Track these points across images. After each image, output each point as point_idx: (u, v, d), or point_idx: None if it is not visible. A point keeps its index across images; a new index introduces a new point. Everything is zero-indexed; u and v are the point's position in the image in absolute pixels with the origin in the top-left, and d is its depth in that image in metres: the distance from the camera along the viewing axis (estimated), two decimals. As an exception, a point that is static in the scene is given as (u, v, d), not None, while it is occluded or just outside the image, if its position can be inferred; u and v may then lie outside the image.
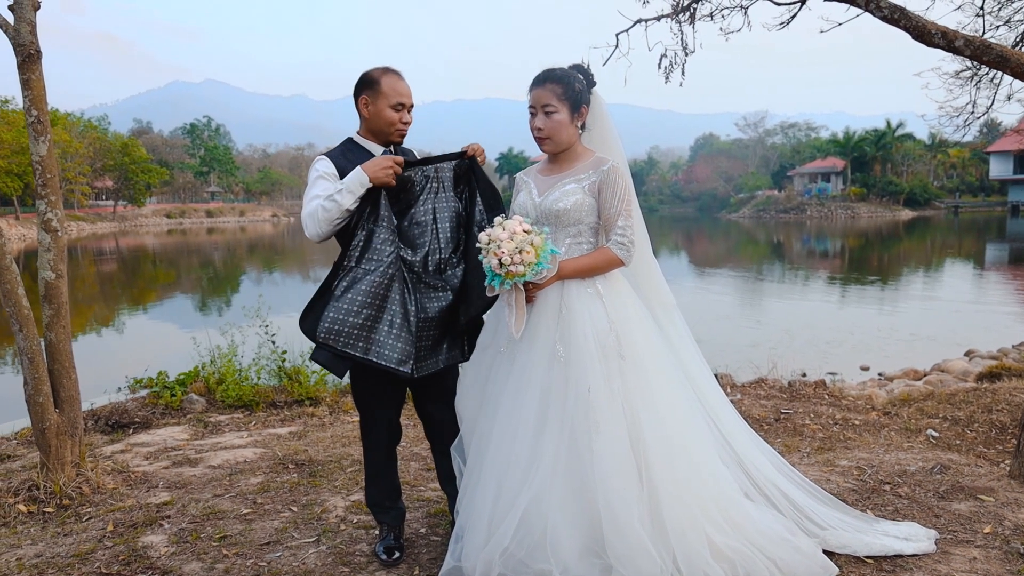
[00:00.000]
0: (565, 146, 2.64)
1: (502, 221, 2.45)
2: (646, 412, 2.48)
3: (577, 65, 2.68)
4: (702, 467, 2.56)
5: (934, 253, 31.16)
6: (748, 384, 6.10)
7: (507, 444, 2.51)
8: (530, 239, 2.39)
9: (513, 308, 2.49)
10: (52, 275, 3.71)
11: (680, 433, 2.54)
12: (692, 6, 4.83)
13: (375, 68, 2.78)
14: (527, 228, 2.42)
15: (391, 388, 2.82)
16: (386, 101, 2.72)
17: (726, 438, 2.75)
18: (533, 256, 2.38)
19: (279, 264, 32.54)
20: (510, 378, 2.57)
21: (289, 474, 3.99)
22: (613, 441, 2.43)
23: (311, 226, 2.62)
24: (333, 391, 6.09)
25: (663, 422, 2.50)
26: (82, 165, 62.63)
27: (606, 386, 2.46)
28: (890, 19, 3.62)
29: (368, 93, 2.74)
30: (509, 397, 2.55)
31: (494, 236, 2.40)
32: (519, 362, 2.55)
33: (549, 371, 2.51)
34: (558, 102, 2.57)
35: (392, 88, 2.72)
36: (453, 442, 2.80)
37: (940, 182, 69.99)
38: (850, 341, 12.30)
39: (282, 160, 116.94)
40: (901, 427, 4.92)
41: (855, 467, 3.79)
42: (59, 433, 3.71)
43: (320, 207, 2.59)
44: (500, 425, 2.54)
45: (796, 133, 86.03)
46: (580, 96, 2.59)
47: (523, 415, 2.50)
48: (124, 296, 22.04)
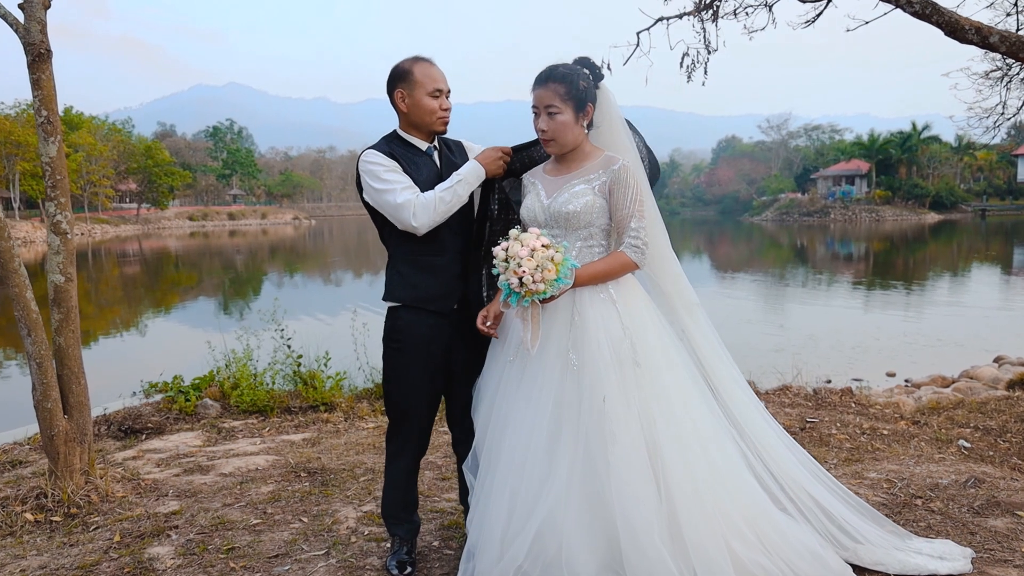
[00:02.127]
0: (571, 147, 2.52)
1: (518, 235, 2.32)
2: (664, 422, 2.37)
3: (583, 58, 2.54)
4: (726, 478, 2.43)
5: (960, 257, 30.66)
6: (772, 391, 5.94)
7: (519, 457, 2.40)
8: (550, 255, 2.26)
9: (529, 323, 2.38)
10: (61, 278, 3.67)
11: (701, 443, 2.42)
12: (715, 3, 4.70)
13: (404, 59, 2.68)
14: (546, 243, 2.29)
15: (429, 388, 2.73)
16: (423, 90, 2.62)
17: (755, 444, 2.61)
18: (553, 273, 2.26)
19: (300, 267, 32.70)
20: (520, 388, 2.47)
21: (301, 483, 3.91)
22: (630, 453, 2.32)
23: (425, 215, 2.55)
24: (349, 396, 6.02)
25: (682, 432, 2.39)
26: (106, 168, 63.55)
27: (621, 395, 2.35)
28: (922, 15, 3.48)
29: (403, 86, 2.65)
30: (520, 408, 2.44)
31: (513, 253, 2.27)
32: (530, 371, 2.45)
33: (562, 381, 2.40)
34: (561, 102, 2.45)
35: (426, 75, 2.63)
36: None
37: (967, 185, 68.91)
38: (875, 347, 12.10)
39: (304, 163, 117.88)
40: (931, 437, 4.74)
41: (885, 479, 3.64)
42: (68, 440, 3.66)
43: (439, 198, 2.55)
44: (511, 437, 2.44)
45: (820, 135, 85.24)
46: (585, 94, 2.47)
47: (535, 427, 2.39)
48: (146, 299, 22.24)
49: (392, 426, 2.84)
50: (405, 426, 2.80)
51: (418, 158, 2.69)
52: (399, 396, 2.76)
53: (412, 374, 2.71)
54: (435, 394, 2.78)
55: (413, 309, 2.70)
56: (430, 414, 2.80)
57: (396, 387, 2.76)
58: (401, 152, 2.67)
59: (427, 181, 2.65)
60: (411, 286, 2.70)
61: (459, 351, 2.73)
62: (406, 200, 2.56)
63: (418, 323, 2.69)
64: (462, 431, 2.78)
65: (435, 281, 2.68)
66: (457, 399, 2.81)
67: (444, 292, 2.68)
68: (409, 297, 2.70)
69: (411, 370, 2.71)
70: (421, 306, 2.69)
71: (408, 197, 2.57)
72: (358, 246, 47.29)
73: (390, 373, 2.76)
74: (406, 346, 2.71)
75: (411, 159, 2.67)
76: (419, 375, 2.71)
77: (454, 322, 2.70)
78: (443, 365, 2.74)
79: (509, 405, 2.48)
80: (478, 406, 2.65)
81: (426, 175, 2.67)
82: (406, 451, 2.83)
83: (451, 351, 2.73)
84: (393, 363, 2.75)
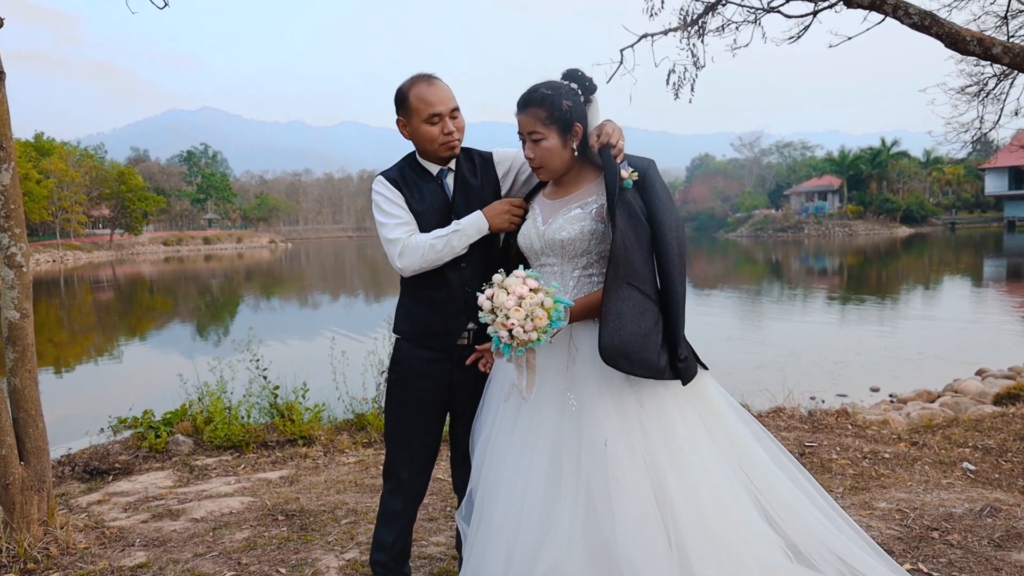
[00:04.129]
0: (563, 171, 2.32)
1: (502, 280, 2.10)
2: (672, 466, 2.16)
3: (571, 71, 2.31)
4: (740, 525, 2.22)
5: (933, 269, 31.05)
6: (766, 414, 5.78)
7: (515, 505, 2.19)
8: (539, 300, 2.05)
9: (524, 369, 2.18)
10: (16, 315, 3.41)
11: (712, 488, 2.21)
12: (702, 20, 4.59)
13: (405, 80, 2.46)
14: (534, 286, 2.07)
15: (424, 428, 2.55)
16: (418, 117, 2.40)
17: (766, 484, 2.39)
18: (545, 319, 2.05)
19: (277, 290, 32.25)
20: (516, 430, 2.26)
21: (278, 527, 3.66)
22: (636, 501, 2.11)
23: (411, 259, 2.37)
24: (328, 428, 5.76)
25: (692, 477, 2.17)
26: (78, 194, 62.67)
27: (624, 439, 2.15)
28: (920, 26, 3.37)
29: (401, 114, 2.46)
30: (515, 452, 2.24)
31: (499, 304, 2.06)
32: (525, 413, 2.25)
33: (560, 423, 2.20)
34: (543, 127, 2.24)
35: (421, 100, 2.39)
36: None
37: (936, 199, 70.16)
38: (857, 361, 12.09)
39: (280, 186, 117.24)
40: (934, 460, 4.60)
41: (896, 510, 3.48)
42: (24, 488, 3.38)
43: (430, 245, 2.36)
44: (507, 484, 2.23)
45: (791, 152, 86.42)
46: (570, 114, 2.24)
47: (532, 473, 2.19)
48: (120, 326, 21.73)
49: (387, 462, 2.64)
50: (399, 462, 2.60)
51: (426, 184, 2.49)
52: (394, 428, 2.60)
53: (408, 409, 2.55)
54: (432, 433, 2.58)
55: (413, 343, 2.53)
56: (426, 454, 2.59)
57: (392, 418, 2.60)
58: (411, 177, 2.49)
59: (429, 211, 2.46)
60: (411, 319, 2.54)
61: (463, 390, 2.52)
62: (396, 238, 2.40)
63: (416, 357, 2.52)
64: (464, 474, 2.55)
65: (436, 317, 2.48)
66: (459, 443, 2.61)
67: (445, 328, 2.47)
68: (408, 331, 2.55)
69: (407, 404, 2.55)
70: (420, 341, 2.52)
71: (399, 235, 2.40)
72: (335, 269, 46.88)
73: (388, 403, 2.61)
74: (404, 378, 2.55)
75: (419, 186, 2.48)
76: (415, 411, 2.53)
77: (458, 359, 2.49)
78: (442, 404, 2.55)
79: (503, 448, 2.28)
80: (473, 448, 2.44)
81: (429, 203, 2.47)
82: (400, 492, 2.62)
83: (453, 390, 2.52)
84: (391, 393, 2.60)
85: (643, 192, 2.21)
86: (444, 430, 2.66)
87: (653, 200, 2.21)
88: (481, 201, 2.51)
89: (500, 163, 2.60)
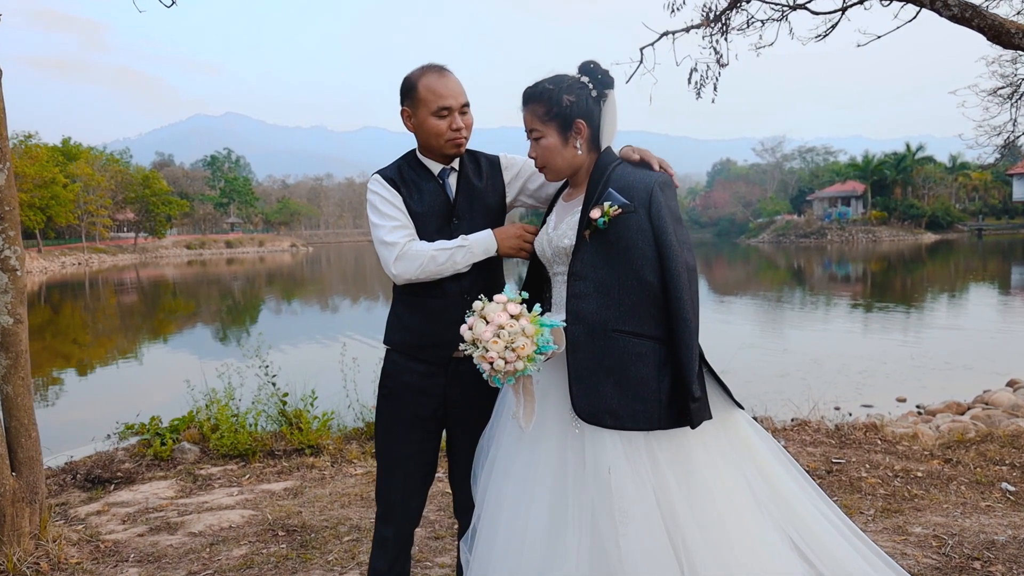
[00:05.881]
0: (568, 172, 2.13)
1: (482, 307, 1.93)
2: (683, 494, 1.95)
3: (586, 64, 2.10)
4: (767, 563, 2.01)
5: (959, 277, 30.45)
6: (790, 427, 5.55)
7: (518, 535, 2.00)
8: (521, 327, 1.87)
9: (521, 397, 2.00)
10: (10, 320, 3.29)
11: (733, 519, 1.99)
12: (726, 15, 4.39)
13: (415, 70, 2.28)
14: (515, 311, 1.90)
15: (417, 446, 2.35)
16: (426, 109, 2.22)
17: (799, 521, 2.16)
18: (530, 345, 1.87)
19: (298, 294, 32.33)
20: (519, 453, 2.07)
21: (278, 544, 3.50)
22: (645, 536, 1.90)
23: (409, 266, 2.21)
24: (337, 437, 5.62)
25: (709, 508, 1.96)
26: (104, 198, 63.54)
27: (630, 467, 1.94)
28: (960, 18, 3.16)
29: (407, 104, 2.27)
30: (518, 476, 2.05)
31: (478, 335, 1.90)
32: (528, 437, 2.06)
33: (563, 448, 2.01)
34: (542, 124, 2.07)
35: (430, 91, 2.22)
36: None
37: (962, 205, 69.07)
38: (883, 370, 11.79)
39: (301, 190, 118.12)
40: (970, 479, 4.35)
41: (932, 535, 3.25)
42: (16, 500, 3.26)
43: (431, 256, 2.20)
44: (509, 511, 2.04)
45: (814, 157, 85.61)
46: (570, 110, 2.05)
47: (536, 499, 2.00)
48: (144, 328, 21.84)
49: (379, 483, 2.45)
50: (391, 484, 2.41)
51: (426, 184, 2.31)
52: (384, 447, 2.40)
53: (398, 426, 2.35)
54: (426, 453, 2.38)
55: (405, 355, 2.34)
56: (419, 475, 2.40)
57: (382, 437, 2.40)
58: (411, 177, 2.31)
59: (429, 213, 2.28)
60: (404, 329, 2.34)
61: (460, 406, 2.33)
62: (393, 241, 2.22)
63: (408, 371, 2.32)
64: (464, 496, 2.36)
65: (431, 327, 2.29)
66: (457, 461, 2.41)
67: (441, 340, 2.27)
68: (400, 342, 2.35)
69: (397, 422, 2.35)
70: (412, 353, 2.32)
71: (396, 239, 2.23)
72: (355, 273, 46.97)
73: (378, 421, 2.41)
74: (394, 393, 2.35)
75: (418, 185, 2.30)
76: (407, 428, 2.33)
77: (453, 373, 2.30)
78: (437, 420, 2.36)
79: (506, 473, 2.09)
80: (477, 471, 2.25)
81: (428, 204, 2.29)
82: (392, 516, 2.43)
83: (448, 406, 2.33)
84: (381, 410, 2.40)
85: (650, 213, 1.98)
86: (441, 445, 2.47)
87: (662, 219, 1.97)
88: (484, 205, 2.34)
89: (507, 168, 2.43)
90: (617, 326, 1.96)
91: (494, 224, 2.34)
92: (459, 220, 2.29)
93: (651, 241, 1.96)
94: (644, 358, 1.96)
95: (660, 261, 1.96)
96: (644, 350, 1.97)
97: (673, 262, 1.95)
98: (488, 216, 2.35)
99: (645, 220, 1.97)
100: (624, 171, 2.05)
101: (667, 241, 1.95)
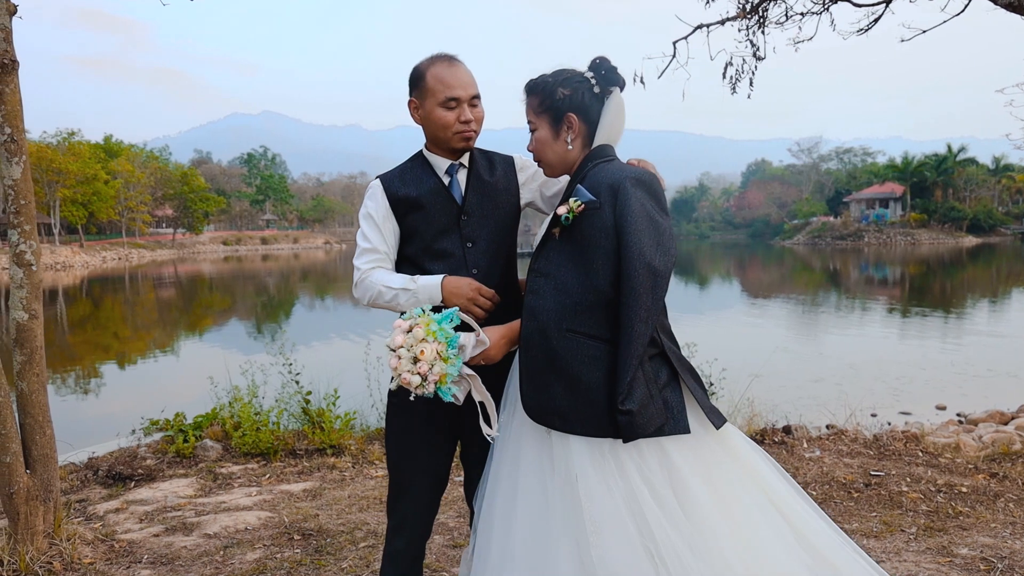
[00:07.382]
0: (561, 168, 2.01)
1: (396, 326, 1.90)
2: (658, 504, 1.75)
3: (596, 60, 1.98)
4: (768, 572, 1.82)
5: (1001, 281, 29.61)
6: (826, 437, 5.33)
7: (509, 551, 1.87)
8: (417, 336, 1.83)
9: (479, 404, 1.92)
10: (25, 315, 3.25)
11: (726, 529, 1.77)
12: (763, 6, 4.21)
13: (424, 59, 2.17)
14: (404, 326, 1.85)
15: (430, 459, 2.23)
16: (434, 99, 2.11)
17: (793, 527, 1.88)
18: (434, 344, 1.81)
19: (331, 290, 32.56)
20: (503, 462, 1.97)
21: (292, 548, 3.42)
22: (617, 546, 1.73)
23: (361, 293, 2.17)
24: (359, 438, 5.54)
25: (694, 516, 1.76)
26: (143, 194, 64.87)
27: (596, 474, 1.78)
28: (1016, 6, 2.96)
29: (415, 94, 2.16)
30: (505, 491, 1.93)
31: (393, 367, 1.87)
32: (512, 448, 1.95)
33: (540, 454, 1.88)
34: (535, 116, 1.99)
35: (439, 81, 2.10)
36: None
37: (1005, 207, 67.24)
38: (921, 377, 11.44)
39: (335, 188, 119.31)
40: (1019, 496, 4.12)
41: (980, 558, 3.05)
42: (30, 498, 3.22)
43: (379, 292, 2.12)
44: (501, 521, 1.92)
45: (851, 159, 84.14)
46: (563, 103, 1.95)
47: (521, 509, 1.87)
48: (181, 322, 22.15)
49: (391, 496, 2.34)
50: (403, 498, 2.29)
51: (431, 181, 2.19)
52: (396, 461, 2.28)
53: (411, 441, 2.22)
54: (438, 465, 2.26)
55: None
56: (432, 488, 2.28)
57: (394, 450, 2.28)
58: (417, 176, 2.19)
59: (433, 212, 2.16)
60: None
61: (472, 415, 2.20)
62: (358, 266, 2.17)
63: None
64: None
65: None
66: (472, 464, 2.30)
67: None
68: None
69: (410, 436, 2.22)
70: None
71: (362, 263, 2.17)
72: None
73: (389, 435, 2.28)
74: (406, 407, 2.19)
75: (424, 185, 2.18)
76: (418, 443, 2.21)
77: None
78: (451, 432, 2.24)
79: (495, 487, 1.97)
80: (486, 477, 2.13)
81: (432, 203, 2.17)
82: (404, 529, 2.32)
83: (462, 415, 2.20)
84: (391, 424, 2.27)
85: (616, 209, 1.82)
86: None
87: (624, 217, 1.80)
88: (495, 204, 2.21)
89: (522, 169, 2.30)
90: (571, 326, 1.82)
91: (506, 224, 2.22)
92: (468, 217, 2.17)
93: (614, 239, 1.81)
94: (597, 361, 1.80)
95: (621, 254, 1.79)
96: (598, 353, 1.81)
97: (631, 263, 1.77)
98: (499, 215, 2.22)
99: (610, 217, 1.81)
100: (602, 168, 1.90)
101: (628, 241, 1.78)
